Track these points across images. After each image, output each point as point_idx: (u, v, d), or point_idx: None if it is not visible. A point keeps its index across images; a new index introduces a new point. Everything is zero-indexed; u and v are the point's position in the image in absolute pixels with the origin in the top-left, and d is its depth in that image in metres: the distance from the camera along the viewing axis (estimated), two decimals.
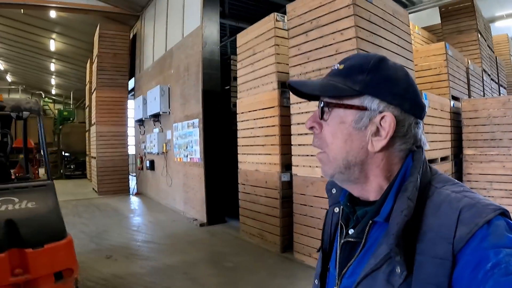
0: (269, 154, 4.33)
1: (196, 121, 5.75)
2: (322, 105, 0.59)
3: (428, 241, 0.50)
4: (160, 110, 6.82)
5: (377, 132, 0.57)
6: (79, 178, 13.36)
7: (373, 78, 0.57)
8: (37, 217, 2.50)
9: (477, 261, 0.45)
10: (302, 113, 3.83)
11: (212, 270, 3.76)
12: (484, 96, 6.81)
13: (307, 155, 3.79)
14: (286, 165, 4.20)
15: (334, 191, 0.72)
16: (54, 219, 2.60)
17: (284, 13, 4.19)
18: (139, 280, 3.47)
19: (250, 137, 4.64)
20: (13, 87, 20.83)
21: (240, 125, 4.88)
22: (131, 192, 9.11)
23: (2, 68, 17.85)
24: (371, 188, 0.60)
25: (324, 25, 3.64)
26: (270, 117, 4.29)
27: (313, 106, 3.52)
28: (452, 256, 0.47)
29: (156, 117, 7.41)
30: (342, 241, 0.64)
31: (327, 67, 3.59)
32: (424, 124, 4.33)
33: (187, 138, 6.09)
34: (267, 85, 4.37)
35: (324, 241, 0.73)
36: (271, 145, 4.29)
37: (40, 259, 2.39)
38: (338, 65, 0.61)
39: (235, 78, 6.69)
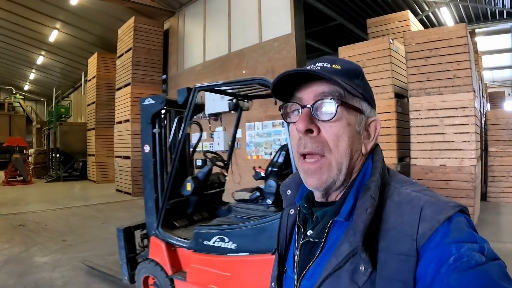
0: (384, 150, 5.90)
1: None
2: (336, 103, 0.62)
3: (391, 238, 0.55)
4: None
5: (367, 135, 0.67)
6: (76, 179, 13.27)
7: (364, 84, 0.67)
8: None
9: (439, 256, 0.50)
10: (422, 118, 5.57)
11: None
12: None
13: (426, 150, 5.53)
14: (399, 158, 5.89)
15: (289, 192, 0.80)
16: None
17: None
18: None
19: None
20: None
21: None
22: None
23: None
24: (343, 191, 0.66)
25: (443, 55, 5.43)
26: (386, 120, 5.91)
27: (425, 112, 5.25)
28: (416, 252, 0.52)
29: (215, 116, 8.30)
30: (301, 242, 0.69)
31: (445, 86, 5.40)
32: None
33: (272, 137, 7.30)
34: (382, 94, 5.97)
35: (279, 243, 0.78)
36: (386, 142, 5.91)
37: None
38: (329, 64, 0.65)
39: None
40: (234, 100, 3.40)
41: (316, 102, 0.63)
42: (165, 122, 3.33)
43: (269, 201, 2.69)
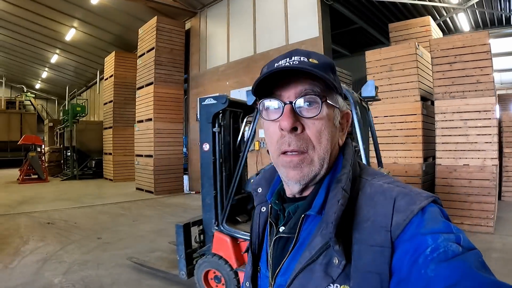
0: (410, 150, 6.51)
1: None
2: (321, 100, 0.64)
3: (364, 230, 0.58)
4: None
5: (341, 128, 0.70)
6: (92, 178, 13.80)
7: (336, 78, 0.68)
8: None
9: (416, 246, 0.52)
10: (446, 120, 6.13)
11: None
12: None
13: (450, 150, 6.10)
14: (424, 158, 6.47)
15: (259, 190, 0.81)
16: None
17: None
18: None
19: (387, 136, 6.73)
20: None
21: (374, 127, 6.93)
22: (185, 191, 10.17)
23: None
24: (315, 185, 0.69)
25: (467, 61, 6.00)
26: (412, 122, 6.46)
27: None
28: (391, 243, 0.55)
29: None
30: (273, 238, 0.72)
31: (469, 90, 5.96)
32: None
33: None
34: (408, 97, 6.51)
35: (252, 242, 0.81)
36: (412, 143, 6.47)
37: None
38: (305, 58, 0.65)
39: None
40: None
41: (298, 98, 0.64)
42: (224, 121, 3.46)
43: None
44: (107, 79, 12.70)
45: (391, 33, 8.15)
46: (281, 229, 0.70)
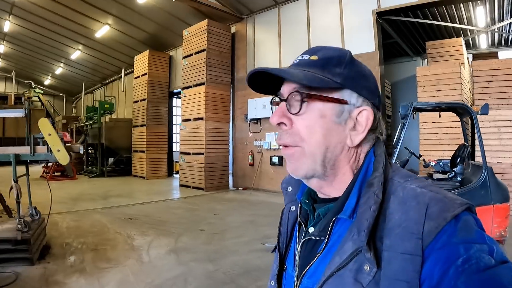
0: (453, 150, 9.06)
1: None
2: (301, 97, 0.72)
3: (395, 236, 0.62)
4: None
5: (354, 127, 0.74)
6: (118, 175, 15.05)
7: (350, 72, 0.73)
8: None
9: (447, 256, 0.57)
10: (484, 127, 8.75)
11: None
12: None
13: (487, 151, 8.68)
14: None
15: (290, 189, 0.91)
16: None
17: None
18: None
19: (435, 139, 9.25)
20: None
21: (422, 130, 9.42)
22: (230, 187, 12.08)
23: (2, 51, 18.02)
24: (337, 185, 0.76)
25: (501, 80, 8.67)
26: (456, 127, 9.01)
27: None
28: (421, 251, 0.59)
29: (256, 120, 11.16)
30: (302, 239, 0.79)
31: (502, 104, 8.64)
32: None
33: None
34: None
35: (280, 240, 0.89)
36: (456, 144, 9.00)
37: None
38: (308, 55, 0.76)
39: (387, 97, 11.09)
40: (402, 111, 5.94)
41: (289, 96, 0.74)
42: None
43: (459, 178, 5.08)
44: (138, 77, 14.23)
45: (428, 50, 10.76)
46: (311, 230, 0.78)
